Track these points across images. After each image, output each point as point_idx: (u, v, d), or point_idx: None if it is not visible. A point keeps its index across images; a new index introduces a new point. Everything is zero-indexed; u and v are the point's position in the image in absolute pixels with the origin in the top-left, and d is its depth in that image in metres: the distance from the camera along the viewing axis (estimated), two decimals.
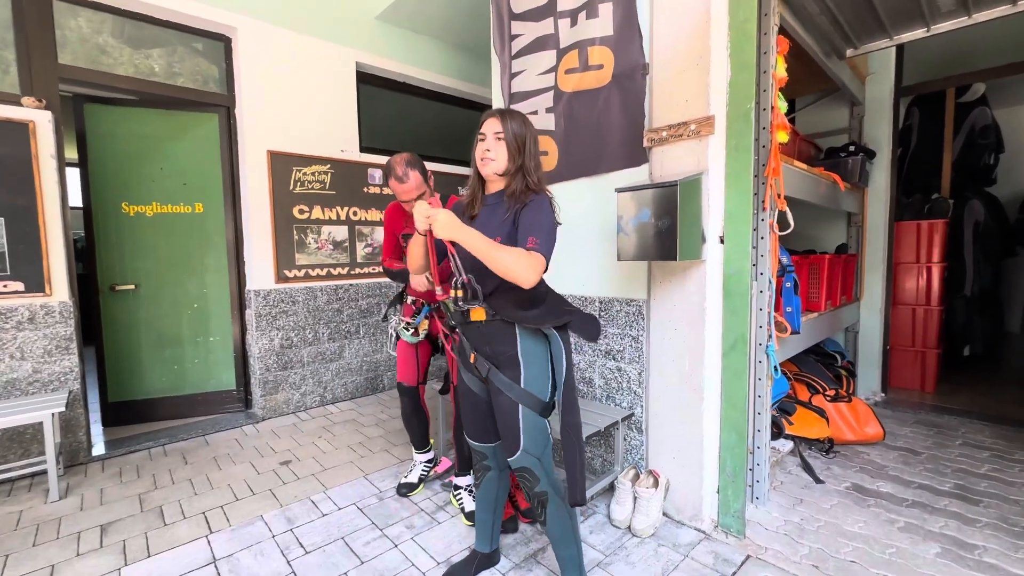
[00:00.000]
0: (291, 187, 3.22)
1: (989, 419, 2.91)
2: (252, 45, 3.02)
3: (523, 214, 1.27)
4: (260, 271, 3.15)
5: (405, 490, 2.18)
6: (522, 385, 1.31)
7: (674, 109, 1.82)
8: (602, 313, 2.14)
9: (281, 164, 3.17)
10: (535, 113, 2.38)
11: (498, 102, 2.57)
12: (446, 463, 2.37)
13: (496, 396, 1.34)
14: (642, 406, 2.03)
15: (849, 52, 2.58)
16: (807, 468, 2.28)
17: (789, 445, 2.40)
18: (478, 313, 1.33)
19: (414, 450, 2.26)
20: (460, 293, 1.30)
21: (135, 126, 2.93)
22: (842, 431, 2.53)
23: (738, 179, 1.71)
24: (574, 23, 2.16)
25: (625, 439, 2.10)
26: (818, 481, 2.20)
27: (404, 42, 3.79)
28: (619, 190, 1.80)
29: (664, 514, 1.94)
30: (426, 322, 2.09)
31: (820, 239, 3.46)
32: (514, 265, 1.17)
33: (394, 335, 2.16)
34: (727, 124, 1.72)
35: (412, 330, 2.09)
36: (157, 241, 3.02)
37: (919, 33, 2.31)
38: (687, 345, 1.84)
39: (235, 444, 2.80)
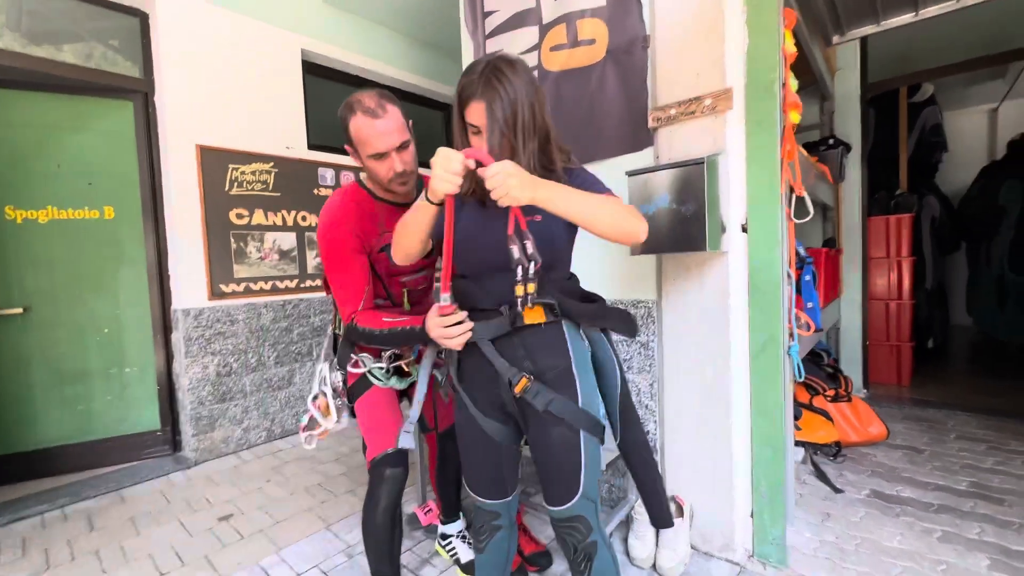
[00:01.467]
0: (227, 187, 2.77)
1: (970, 410, 2.91)
2: (174, 22, 2.57)
3: (582, 187, 1.01)
4: (190, 286, 2.66)
5: None
6: (579, 392, 1.01)
7: (684, 84, 1.61)
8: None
9: (214, 161, 2.71)
10: None
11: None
12: (435, 509, 1.90)
13: (545, 431, 1.01)
14: (655, 422, 1.78)
15: (835, 39, 2.53)
16: (822, 477, 2.12)
17: (800, 453, 2.24)
18: (535, 314, 1.01)
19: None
20: (532, 288, 0.92)
21: (22, 114, 2.39)
22: (847, 433, 2.40)
23: (762, 159, 1.51)
24: None
25: None
26: (837, 491, 2.04)
27: (357, 31, 3.44)
28: (630, 173, 1.56)
29: (691, 546, 1.68)
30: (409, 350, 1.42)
31: (805, 233, 3.41)
32: (628, 216, 0.96)
33: (331, 396, 1.38)
34: (747, 98, 1.53)
35: (395, 368, 1.40)
36: (53, 253, 2.47)
37: (907, 17, 2.28)
38: (709, 350, 1.61)
39: (160, 498, 2.28)
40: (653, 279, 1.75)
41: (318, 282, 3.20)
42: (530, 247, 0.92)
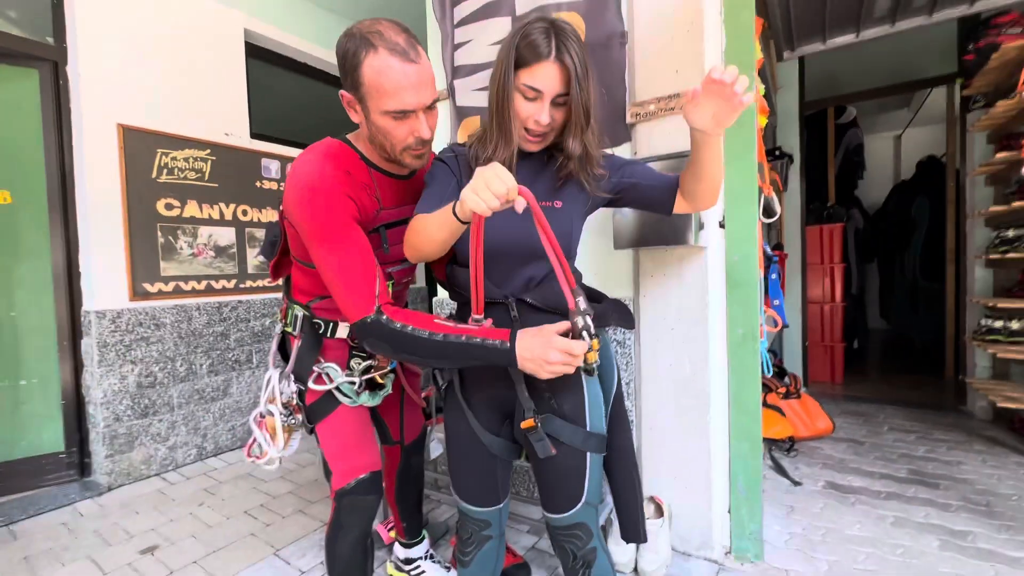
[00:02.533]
0: (154, 175, 2.46)
1: (896, 404, 3.17)
2: None
3: (623, 172, 1.00)
4: (106, 286, 2.32)
5: None
6: (587, 416, 0.94)
7: (663, 81, 1.61)
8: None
9: (139, 143, 2.40)
10: (485, 90, 2.04)
11: (439, 76, 2.18)
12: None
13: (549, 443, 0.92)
14: (632, 421, 1.75)
15: (786, 54, 2.68)
16: (781, 471, 2.19)
17: None
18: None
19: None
20: (596, 345, 0.80)
21: None
22: (798, 427, 2.52)
23: (741, 157, 1.54)
24: None
25: None
26: (796, 483, 2.11)
27: (307, 14, 3.23)
28: None
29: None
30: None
31: None
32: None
33: (281, 417, 1.13)
34: None
35: (367, 381, 1.17)
36: None
37: (849, 38, 2.46)
38: (687, 345, 1.60)
39: (63, 532, 1.94)
40: (630, 276, 1.72)
41: (260, 283, 2.92)
42: (583, 303, 0.81)
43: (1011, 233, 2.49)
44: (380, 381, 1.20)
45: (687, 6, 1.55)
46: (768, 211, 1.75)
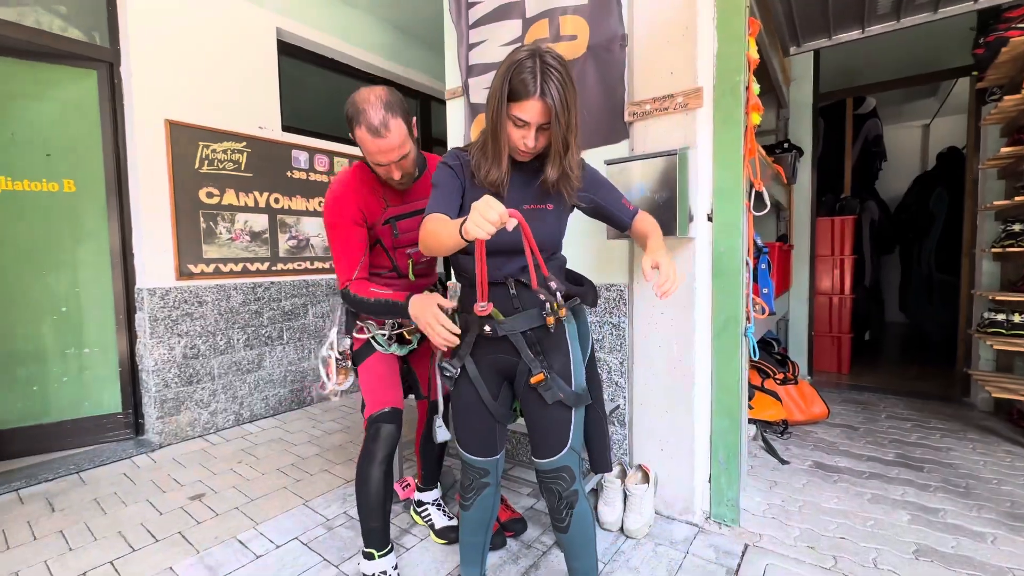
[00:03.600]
0: (197, 165, 2.70)
1: (900, 394, 3.23)
2: None
3: (594, 185, 1.20)
4: (156, 266, 2.58)
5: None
6: (572, 374, 1.14)
7: (659, 82, 1.73)
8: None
9: (184, 137, 2.64)
10: None
11: (453, 74, 2.34)
12: (412, 484, 1.94)
13: (539, 401, 1.13)
14: (625, 397, 1.91)
15: (792, 49, 2.73)
16: (771, 450, 2.32)
17: (752, 430, 2.43)
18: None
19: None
20: (563, 313, 1.10)
21: None
22: (792, 412, 2.63)
23: (728, 154, 1.66)
24: None
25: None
26: (783, 462, 2.24)
27: (335, 13, 3.40)
28: (609, 162, 1.67)
29: (655, 511, 1.82)
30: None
31: (760, 228, 3.65)
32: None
33: (337, 357, 1.45)
34: (715, 98, 1.67)
35: (396, 336, 1.49)
36: (4, 227, 2.34)
37: (854, 34, 2.50)
38: (675, 329, 1.75)
39: (124, 480, 2.23)
40: (626, 264, 1.87)
41: (290, 266, 3.17)
42: (555, 285, 1.07)
43: (1017, 227, 2.51)
44: (407, 337, 1.52)
45: (682, 12, 1.66)
46: (759, 205, 1.85)
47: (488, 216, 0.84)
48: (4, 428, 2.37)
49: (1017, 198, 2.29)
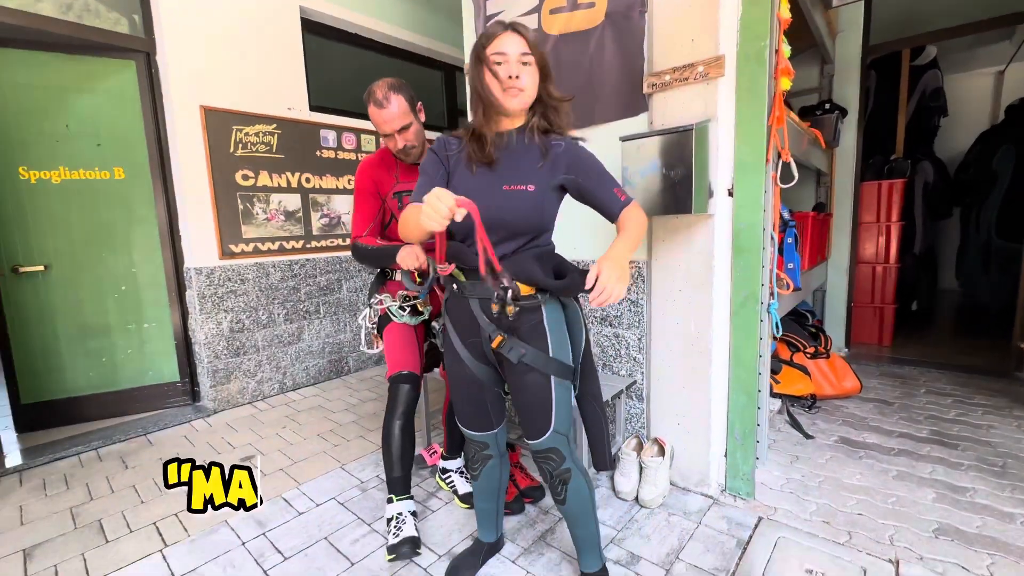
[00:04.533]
0: (232, 149, 2.82)
1: (944, 367, 3.09)
2: None
3: (576, 167, 1.15)
4: (200, 246, 2.76)
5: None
6: (549, 343, 1.15)
7: (679, 50, 1.66)
8: None
9: (218, 122, 2.75)
10: None
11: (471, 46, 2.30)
12: (439, 451, 2.10)
13: (520, 376, 1.15)
14: (642, 373, 1.93)
15: (835, 1, 2.52)
16: (796, 425, 2.30)
17: (777, 403, 2.41)
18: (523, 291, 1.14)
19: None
20: (511, 310, 1.08)
21: (29, 74, 2.42)
22: (822, 386, 2.57)
23: (750, 126, 1.59)
24: None
25: (625, 408, 2.01)
26: (808, 437, 2.22)
27: None
28: (624, 138, 1.64)
29: (670, 482, 1.87)
30: (429, 295, 1.69)
31: (790, 198, 3.49)
32: (643, 228, 1.13)
33: (368, 326, 1.72)
34: (738, 66, 1.59)
35: (410, 308, 1.66)
36: (69, 213, 2.56)
37: None
38: (693, 306, 1.74)
39: (185, 442, 2.47)
40: (644, 241, 1.85)
41: (324, 243, 3.30)
42: (506, 281, 1.05)
43: None
44: (420, 309, 1.68)
45: None
46: (786, 177, 1.77)
47: (437, 208, 0.88)
48: (80, 395, 2.66)
49: None
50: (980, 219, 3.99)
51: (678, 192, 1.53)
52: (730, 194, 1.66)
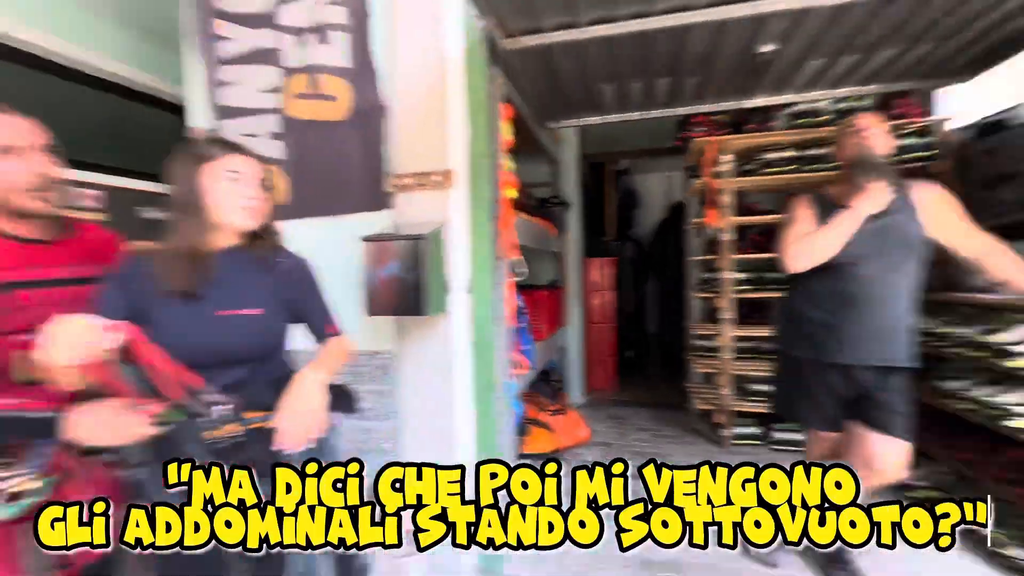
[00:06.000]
0: None
1: (646, 406, 3.96)
2: None
3: (298, 287, 1.12)
4: None
5: None
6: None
7: (417, 157, 1.79)
8: (349, 369, 1.92)
9: None
10: (254, 136, 2.00)
11: (199, 110, 2.06)
12: None
13: None
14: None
15: (551, 124, 3.15)
16: None
17: None
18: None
19: None
20: (229, 429, 0.92)
21: None
22: (562, 439, 2.98)
23: (483, 230, 1.80)
24: (302, 43, 1.92)
25: None
26: None
27: (47, 5, 2.67)
28: (366, 239, 1.65)
29: None
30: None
31: (536, 275, 4.08)
32: (340, 359, 1.13)
33: None
34: (469, 179, 1.80)
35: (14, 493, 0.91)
36: None
37: (595, 119, 3.02)
38: (438, 396, 1.81)
39: None
40: (392, 332, 1.87)
41: None
42: (211, 397, 0.92)
43: (705, 275, 3.33)
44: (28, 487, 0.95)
45: (435, 101, 1.75)
46: (519, 270, 2.06)
47: (68, 341, 0.74)
48: None
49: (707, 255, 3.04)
50: (664, 286, 5.41)
51: (415, 295, 1.60)
52: (469, 291, 1.83)
